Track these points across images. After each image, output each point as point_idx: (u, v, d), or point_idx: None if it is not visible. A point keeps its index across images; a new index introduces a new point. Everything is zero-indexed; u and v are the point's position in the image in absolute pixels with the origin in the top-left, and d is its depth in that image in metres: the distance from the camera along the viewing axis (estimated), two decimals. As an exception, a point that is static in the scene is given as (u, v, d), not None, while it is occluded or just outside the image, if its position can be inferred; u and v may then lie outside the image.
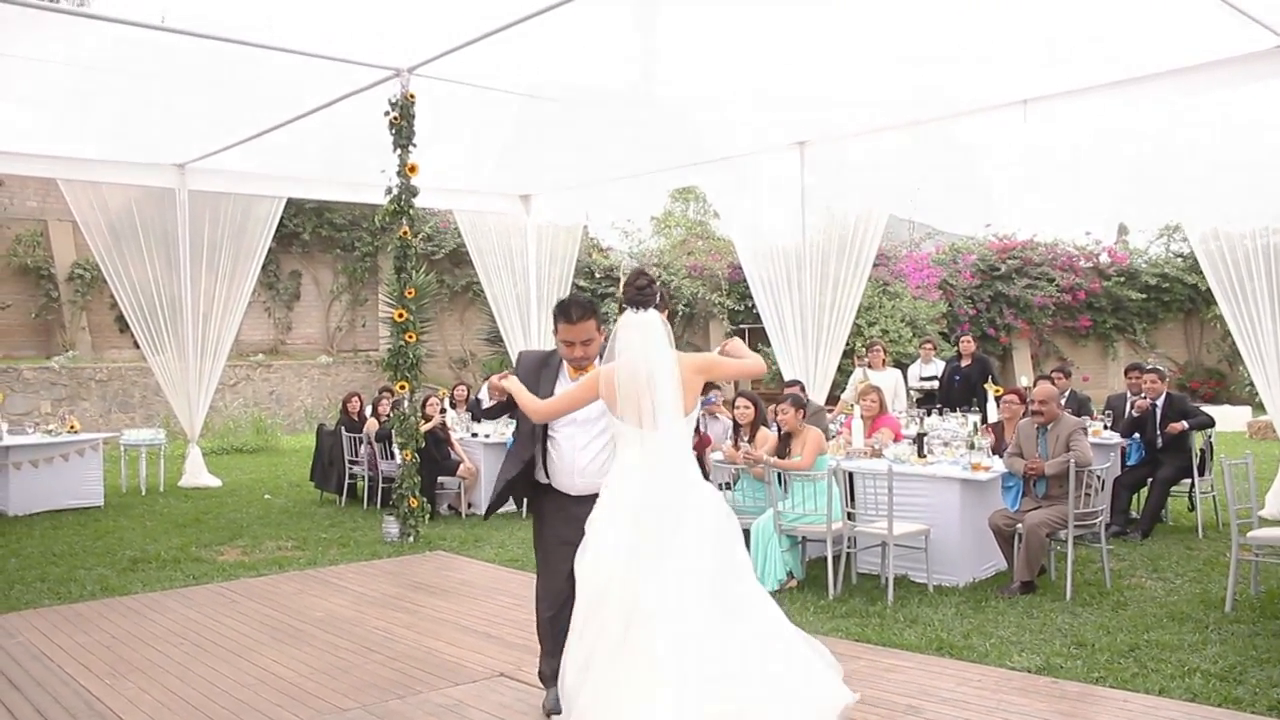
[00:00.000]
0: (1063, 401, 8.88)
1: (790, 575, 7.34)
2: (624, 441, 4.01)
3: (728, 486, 8.01)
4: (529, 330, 14.93)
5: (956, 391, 11.54)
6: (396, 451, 9.98)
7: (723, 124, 10.81)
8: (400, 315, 9.43)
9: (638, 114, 10.18)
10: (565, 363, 4.57)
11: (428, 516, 9.69)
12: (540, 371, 4.62)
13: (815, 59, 8.76)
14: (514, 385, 4.37)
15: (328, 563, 8.56)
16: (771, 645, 3.90)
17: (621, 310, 4.07)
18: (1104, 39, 8.11)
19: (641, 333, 3.97)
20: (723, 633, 3.75)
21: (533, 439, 4.60)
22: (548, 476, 4.60)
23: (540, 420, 4.37)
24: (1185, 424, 9.04)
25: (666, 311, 4.15)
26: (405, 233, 9.44)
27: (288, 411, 20.11)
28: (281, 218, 13.56)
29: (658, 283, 4.12)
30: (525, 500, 4.92)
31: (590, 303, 4.53)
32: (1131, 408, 9.44)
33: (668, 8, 7.76)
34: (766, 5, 7.57)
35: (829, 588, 7.06)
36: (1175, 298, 22.11)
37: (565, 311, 4.45)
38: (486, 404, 11.17)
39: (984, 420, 9.68)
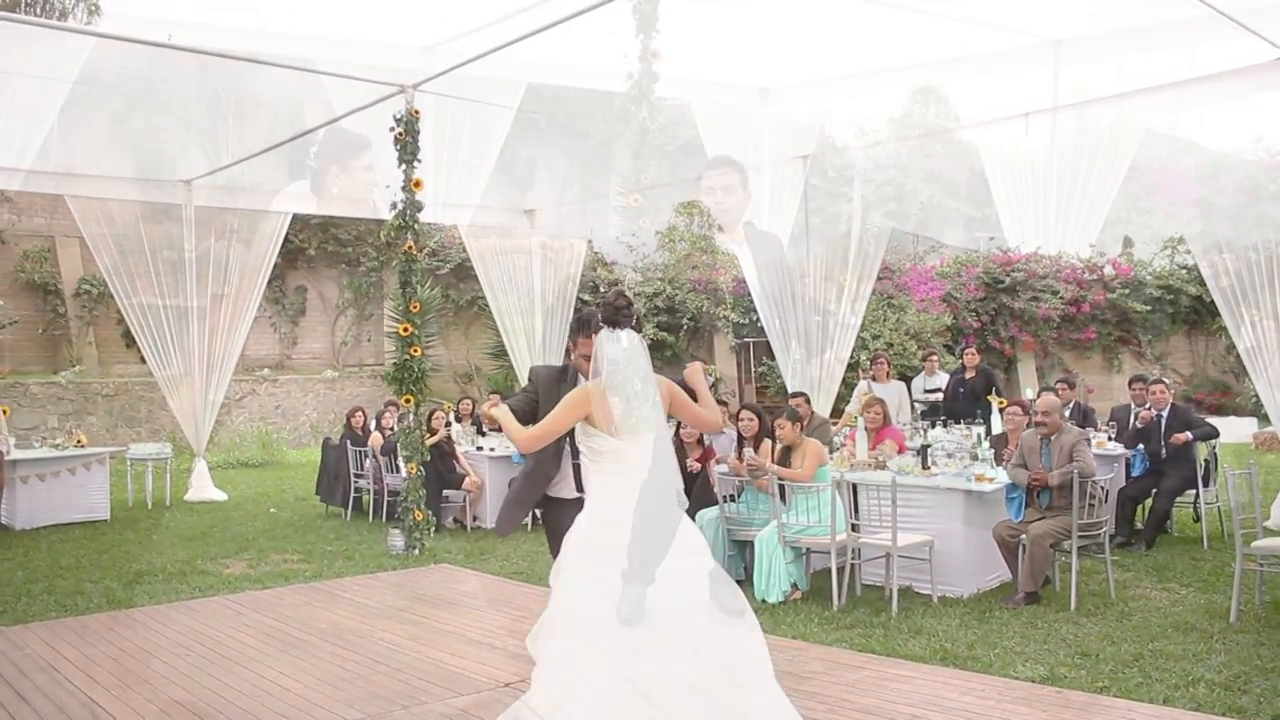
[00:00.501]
0: (1067, 413, 8.89)
1: (795, 587, 7.35)
2: (614, 457, 4.02)
3: (732, 499, 8.03)
4: (534, 344, 14.94)
5: (961, 403, 11.52)
6: (401, 465, 10.02)
7: (725, 137, 10.88)
8: (405, 329, 9.47)
9: (640, 128, 10.24)
10: (582, 377, 4.58)
11: (433, 529, 9.70)
12: (558, 386, 4.62)
13: (818, 74, 8.84)
14: (501, 414, 4.37)
15: (333, 575, 8.57)
16: (759, 655, 3.92)
17: (598, 329, 4.11)
18: (1106, 52, 8.17)
19: (625, 350, 4.01)
20: (723, 634, 3.77)
21: (558, 456, 4.59)
22: (579, 490, 4.58)
23: (527, 449, 4.34)
24: (1189, 435, 9.04)
25: (640, 335, 4.20)
26: (410, 247, 9.49)
27: (293, 426, 20.13)
28: (287, 233, 13.61)
29: (635, 305, 4.16)
30: (534, 513, 4.91)
31: None
32: (1136, 419, 9.45)
33: (670, 18, 7.82)
34: (770, 18, 7.64)
35: (833, 599, 7.07)
36: (1180, 309, 22.04)
37: (584, 326, 4.47)
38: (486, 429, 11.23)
39: (988, 432, 9.68)
